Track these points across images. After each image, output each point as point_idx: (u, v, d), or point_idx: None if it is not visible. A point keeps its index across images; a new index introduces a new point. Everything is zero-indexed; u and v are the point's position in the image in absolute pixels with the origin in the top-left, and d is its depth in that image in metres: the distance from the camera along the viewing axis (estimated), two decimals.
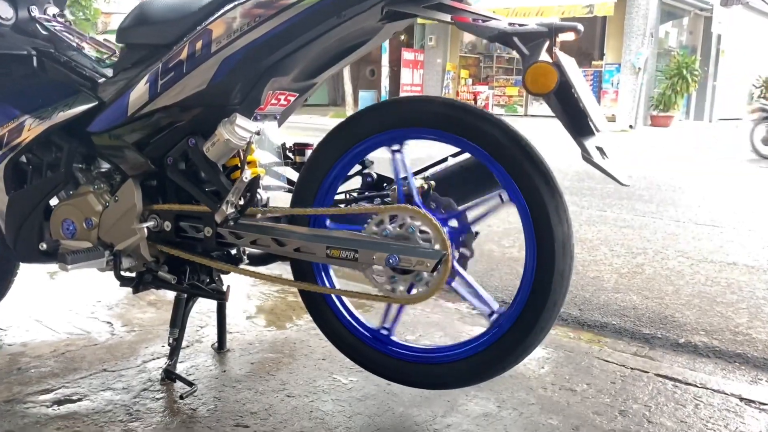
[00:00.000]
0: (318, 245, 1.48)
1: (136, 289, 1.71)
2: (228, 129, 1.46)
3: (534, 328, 1.45)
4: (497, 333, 1.48)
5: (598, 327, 2.49)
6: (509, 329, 1.47)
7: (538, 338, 1.48)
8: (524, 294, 1.46)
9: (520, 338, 1.46)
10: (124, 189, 1.67)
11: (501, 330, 1.48)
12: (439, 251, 1.40)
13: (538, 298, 1.43)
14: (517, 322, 1.46)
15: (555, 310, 1.46)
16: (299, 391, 1.72)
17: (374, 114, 1.53)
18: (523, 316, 1.46)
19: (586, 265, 3.31)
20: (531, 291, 1.45)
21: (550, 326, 1.48)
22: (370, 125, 1.52)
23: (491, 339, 1.49)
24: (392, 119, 1.50)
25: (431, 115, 1.46)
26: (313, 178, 1.58)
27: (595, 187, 5.90)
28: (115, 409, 1.60)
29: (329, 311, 1.64)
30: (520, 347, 1.47)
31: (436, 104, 1.47)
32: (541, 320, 1.44)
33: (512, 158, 1.42)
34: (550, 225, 1.41)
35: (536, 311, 1.44)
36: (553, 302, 1.44)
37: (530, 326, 1.45)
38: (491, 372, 1.52)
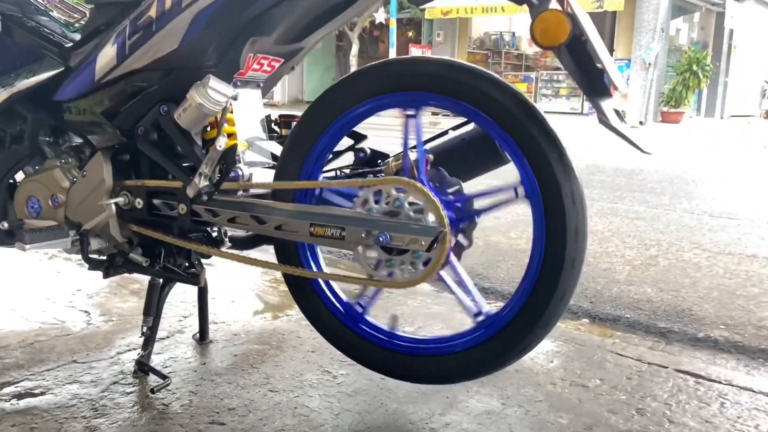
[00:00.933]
0: (301, 222, 1.33)
1: (106, 272, 1.56)
2: (200, 92, 1.31)
3: (538, 321, 1.29)
4: (481, 336, 1.33)
5: (611, 320, 2.33)
6: (504, 327, 1.32)
7: (543, 332, 1.32)
8: (529, 283, 1.30)
9: (521, 333, 1.30)
10: (92, 163, 1.52)
11: (485, 334, 1.33)
12: (436, 228, 1.24)
13: (545, 289, 1.28)
14: (519, 315, 1.31)
15: (563, 303, 1.30)
16: (284, 386, 1.57)
17: (364, 79, 1.38)
18: (527, 309, 1.30)
19: (598, 257, 3.14)
20: (537, 280, 1.29)
21: (556, 320, 1.32)
22: (359, 91, 1.37)
23: (475, 340, 1.34)
24: (384, 83, 1.35)
25: (428, 77, 1.31)
26: (297, 151, 1.43)
27: (606, 179, 5.73)
28: (80, 404, 1.45)
29: (317, 298, 1.49)
30: (521, 343, 1.32)
31: (433, 65, 1.32)
32: (546, 314, 1.29)
33: (522, 128, 1.26)
34: (562, 205, 1.25)
35: (542, 303, 1.28)
36: (561, 294, 1.28)
37: (534, 320, 1.29)
38: (483, 369, 1.37)
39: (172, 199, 1.46)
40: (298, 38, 1.49)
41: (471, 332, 1.38)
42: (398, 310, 2.13)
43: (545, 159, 1.24)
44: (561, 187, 1.23)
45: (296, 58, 1.58)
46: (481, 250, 3.17)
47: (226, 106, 1.35)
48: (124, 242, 1.54)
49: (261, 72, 1.52)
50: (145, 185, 1.48)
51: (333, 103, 1.40)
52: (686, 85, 15.12)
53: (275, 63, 1.53)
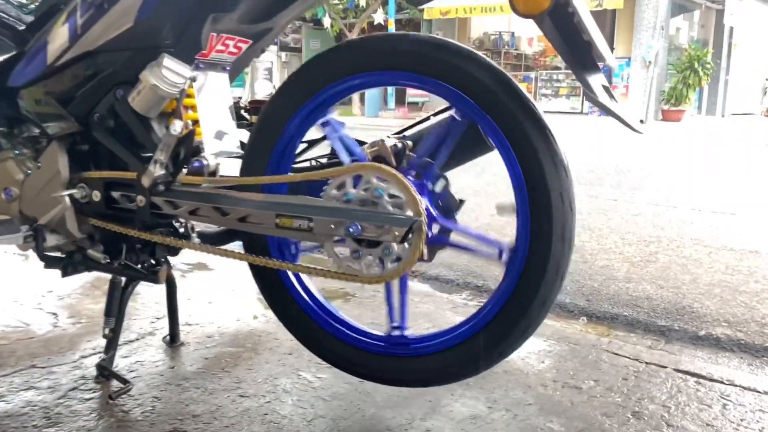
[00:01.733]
0: (266, 213, 1.23)
1: (64, 271, 1.46)
2: (155, 73, 1.21)
3: (530, 307, 1.19)
4: (501, 300, 1.21)
5: (608, 319, 2.22)
6: (498, 314, 1.21)
7: (537, 319, 1.21)
8: (517, 267, 1.20)
9: (509, 323, 1.20)
10: (47, 154, 1.42)
11: (507, 289, 1.21)
12: (410, 217, 1.14)
13: (536, 268, 1.17)
14: (512, 299, 1.20)
15: (557, 282, 1.19)
16: (255, 391, 1.46)
17: (334, 58, 1.27)
18: (517, 294, 1.20)
19: (595, 254, 3.03)
20: (526, 261, 1.19)
21: (551, 304, 1.22)
22: (329, 71, 1.27)
23: (483, 321, 1.22)
24: (356, 62, 1.25)
25: (404, 54, 1.21)
26: (264, 141, 1.33)
27: (605, 177, 5.62)
28: (32, 411, 1.35)
29: (286, 294, 1.39)
30: (514, 331, 1.21)
31: (408, 42, 1.21)
32: (537, 299, 1.18)
33: (506, 111, 1.16)
34: (549, 200, 1.15)
35: (534, 285, 1.17)
36: (555, 269, 1.17)
37: (526, 306, 1.19)
38: (481, 362, 1.26)
39: (130, 191, 1.35)
40: (265, 17, 1.39)
41: (489, 303, 1.25)
42: (383, 311, 2.02)
43: (530, 145, 1.14)
44: (547, 180, 1.13)
45: (265, 40, 1.48)
46: None
47: (183, 88, 1.25)
48: (83, 238, 1.44)
49: (227, 54, 1.42)
50: (102, 176, 1.38)
51: (303, 85, 1.29)
52: (687, 83, 15.00)
53: (242, 44, 1.43)
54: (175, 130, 1.22)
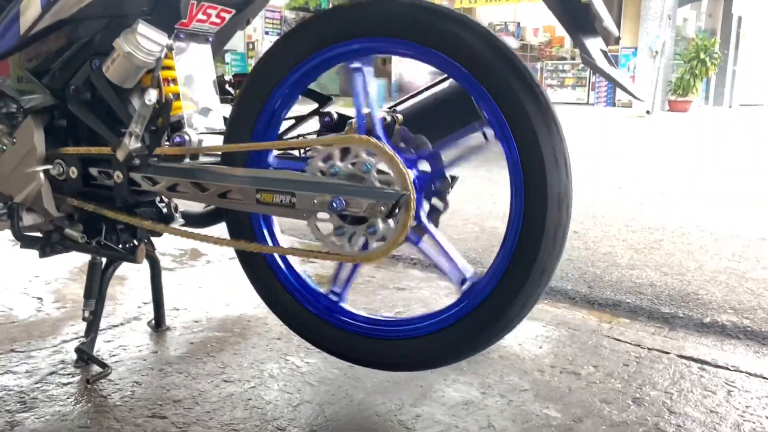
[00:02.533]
0: (246, 188, 1.17)
1: (42, 251, 1.41)
2: (128, 40, 1.15)
3: (514, 301, 1.13)
4: (467, 306, 1.16)
5: (611, 306, 2.16)
6: (482, 302, 1.15)
7: (518, 315, 1.15)
8: (504, 257, 1.14)
9: (496, 313, 1.14)
10: (22, 129, 1.36)
11: (471, 304, 1.16)
12: (397, 192, 1.07)
13: (523, 262, 1.11)
14: (494, 292, 1.14)
15: (543, 279, 1.13)
16: (240, 376, 1.41)
17: (319, 24, 1.21)
18: (502, 285, 1.14)
19: (598, 241, 2.97)
20: (513, 253, 1.12)
21: (535, 301, 1.16)
22: (314, 38, 1.21)
23: (460, 312, 1.17)
24: (342, 29, 1.18)
25: (392, 20, 1.14)
26: (247, 110, 1.27)
27: (610, 165, 5.54)
28: (7, 396, 1.30)
29: (272, 277, 1.33)
30: (496, 324, 1.15)
31: (399, 5, 1.15)
32: (523, 292, 1.12)
33: (498, 77, 1.09)
34: (543, 166, 1.08)
35: (519, 278, 1.11)
36: (541, 269, 1.11)
37: (510, 298, 1.13)
38: (459, 352, 1.21)
39: (108, 167, 1.30)
40: None
41: (455, 305, 1.20)
42: (378, 296, 1.96)
43: (522, 111, 1.08)
44: (540, 144, 1.07)
45: (250, 10, 1.42)
46: (476, 236, 3.00)
47: (160, 57, 1.19)
48: (61, 217, 1.39)
49: (209, 24, 1.36)
50: (78, 152, 1.32)
51: (287, 53, 1.23)
52: (694, 73, 14.85)
53: (225, 14, 1.37)
54: (150, 101, 1.16)
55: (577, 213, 3.52)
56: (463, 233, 3.04)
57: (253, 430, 1.19)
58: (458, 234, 3.00)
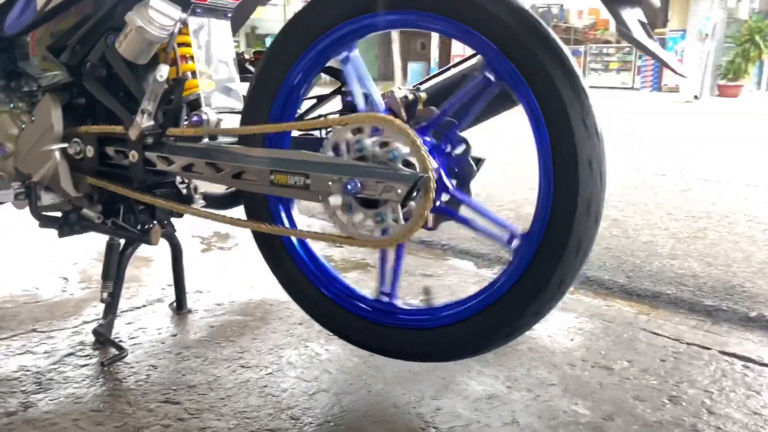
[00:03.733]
0: (260, 169, 1.12)
1: (61, 231, 1.39)
2: (141, 14, 1.11)
3: (547, 284, 1.06)
4: (519, 266, 1.08)
5: (650, 297, 2.06)
6: (517, 281, 1.08)
7: (552, 299, 1.08)
8: (535, 238, 1.07)
9: (528, 296, 1.07)
10: (40, 107, 1.34)
11: (524, 261, 1.08)
12: (415, 174, 1.01)
13: (556, 239, 1.04)
14: (528, 271, 1.08)
15: (578, 258, 1.06)
16: (258, 361, 1.37)
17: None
18: (534, 267, 1.07)
19: (639, 229, 2.85)
20: (545, 232, 1.06)
21: (569, 283, 1.08)
22: (335, 11, 1.15)
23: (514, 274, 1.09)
24: (363, 2, 1.12)
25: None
26: (265, 87, 1.22)
27: (654, 150, 5.36)
28: (25, 377, 1.29)
29: (289, 260, 1.28)
30: (530, 306, 1.09)
31: None
32: (557, 273, 1.05)
33: (530, 56, 1.01)
34: (573, 140, 1.01)
35: (552, 257, 1.04)
36: (576, 244, 1.04)
37: (543, 282, 1.06)
38: (492, 339, 1.14)
39: (123, 146, 1.27)
40: None
41: (498, 279, 1.13)
42: (404, 282, 1.91)
43: (555, 93, 1.00)
44: (570, 115, 0.99)
45: None
46: (511, 221, 2.92)
47: (173, 32, 1.15)
48: (78, 197, 1.37)
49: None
50: (94, 131, 1.30)
51: (310, 24, 1.17)
52: (746, 56, 14.30)
53: None
54: (161, 77, 1.12)
55: (617, 200, 3.39)
56: None
57: (266, 418, 1.16)
58: None
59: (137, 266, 1.96)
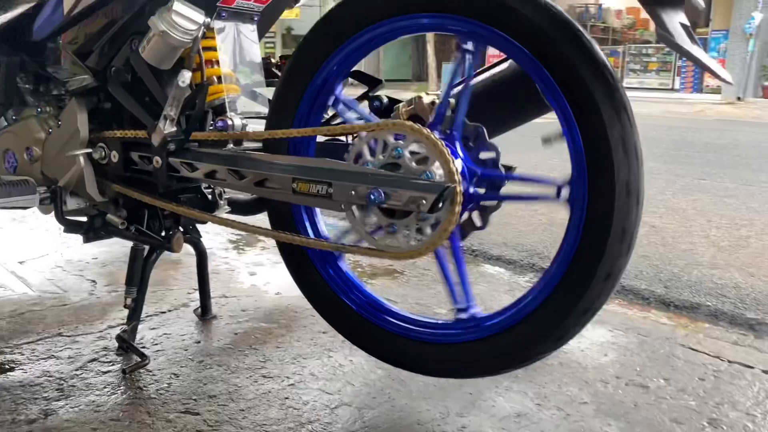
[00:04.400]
0: (282, 177, 1.09)
1: (86, 236, 1.39)
2: (164, 18, 1.09)
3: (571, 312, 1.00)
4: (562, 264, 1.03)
5: (688, 308, 1.98)
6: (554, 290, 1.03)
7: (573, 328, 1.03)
8: (563, 261, 1.02)
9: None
10: (67, 111, 1.34)
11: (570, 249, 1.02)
12: (441, 183, 0.97)
13: (584, 266, 0.99)
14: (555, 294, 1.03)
15: (607, 286, 1.00)
16: (280, 371, 1.35)
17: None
18: (559, 292, 1.02)
19: (678, 237, 2.76)
20: (573, 257, 1.01)
21: (597, 309, 1.03)
22: (364, 13, 1.11)
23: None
24: (386, 4, 1.08)
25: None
26: (290, 92, 1.19)
27: (694, 155, 5.20)
28: (47, 383, 1.28)
29: (312, 268, 1.25)
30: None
31: None
32: (583, 301, 1.00)
33: (563, 60, 0.97)
34: (610, 157, 0.95)
35: (580, 285, 0.99)
36: (605, 273, 0.99)
37: (568, 308, 1.01)
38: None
39: (148, 152, 1.25)
40: None
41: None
42: (431, 290, 1.87)
43: (590, 98, 0.95)
44: (609, 134, 0.94)
45: None
46: (543, 227, 2.86)
47: (197, 36, 1.13)
48: (104, 202, 1.36)
49: (254, 2, 1.29)
50: (118, 136, 1.29)
51: (332, 30, 1.14)
52: None
53: None
54: (184, 82, 1.10)
55: (656, 206, 3.30)
56: (531, 224, 2.90)
57: None
58: (526, 225, 2.86)
59: (165, 269, 1.96)
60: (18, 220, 2.51)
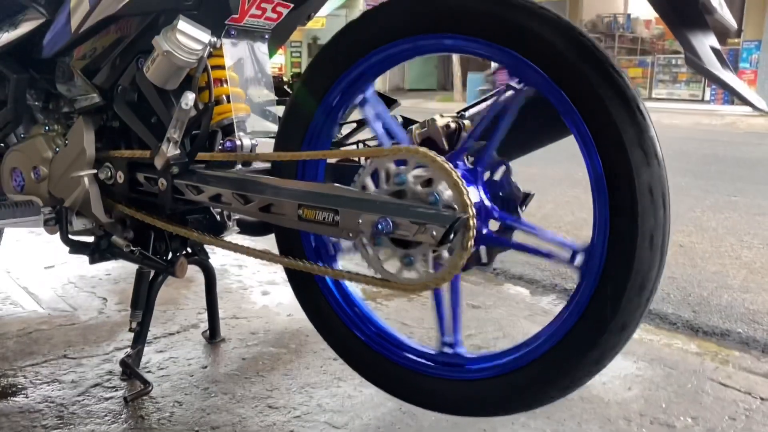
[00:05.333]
0: (288, 203, 1.05)
1: (92, 257, 1.35)
2: (168, 38, 1.06)
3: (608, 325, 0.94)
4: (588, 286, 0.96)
5: (718, 335, 1.90)
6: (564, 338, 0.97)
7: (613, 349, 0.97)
8: (582, 301, 0.96)
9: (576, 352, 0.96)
10: (73, 130, 1.31)
11: (587, 289, 0.96)
12: (452, 214, 0.92)
13: (602, 308, 0.93)
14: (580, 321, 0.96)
15: (623, 336, 0.94)
16: (287, 401, 1.30)
17: (379, 18, 1.06)
18: (587, 316, 0.96)
19: (707, 258, 2.66)
20: (593, 294, 0.94)
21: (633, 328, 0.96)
22: (377, 33, 1.06)
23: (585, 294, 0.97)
24: (398, 24, 1.04)
25: (449, 13, 0.98)
26: (300, 113, 1.15)
27: (725, 170, 5.07)
28: (47, 409, 1.25)
29: (321, 296, 1.21)
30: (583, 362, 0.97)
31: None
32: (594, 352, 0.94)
33: (580, 81, 0.91)
34: (633, 188, 0.89)
35: (611, 305, 0.93)
36: (621, 324, 0.93)
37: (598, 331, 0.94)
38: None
39: (153, 173, 1.22)
40: None
41: (569, 304, 0.99)
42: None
43: (609, 121, 0.89)
44: (630, 156, 0.88)
45: (310, 4, 1.29)
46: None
47: (202, 56, 1.09)
48: (110, 223, 1.33)
49: (264, 20, 1.25)
50: (124, 156, 1.25)
51: (342, 51, 1.10)
52: None
53: (282, 9, 1.25)
54: (187, 104, 1.06)
55: (685, 224, 3.20)
56: None
57: None
58: None
59: (176, 287, 1.92)
60: (36, 232, 2.50)
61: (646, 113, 0.89)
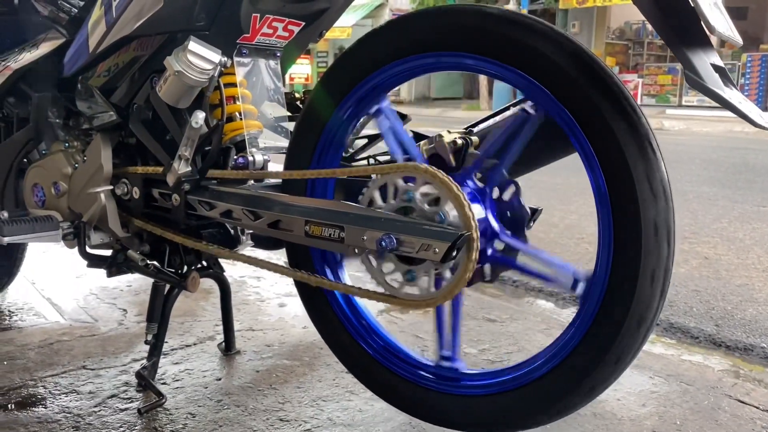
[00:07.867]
0: (295, 219, 1.06)
1: (109, 270, 1.39)
2: (179, 58, 1.08)
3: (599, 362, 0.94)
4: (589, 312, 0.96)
5: (741, 350, 1.86)
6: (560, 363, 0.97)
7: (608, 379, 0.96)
8: (580, 329, 0.95)
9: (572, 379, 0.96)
10: (92, 147, 1.35)
11: (587, 317, 0.96)
12: (455, 232, 0.92)
13: (614, 314, 0.92)
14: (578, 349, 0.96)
15: (618, 368, 0.94)
16: (298, 414, 1.31)
17: (386, 36, 1.08)
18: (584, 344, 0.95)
19: (732, 270, 2.61)
20: (592, 324, 0.94)
21: (628, 360, 0.95)
22: (380, 52, 1.08)
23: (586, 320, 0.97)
24: (401, 43, 1.05)
25: (462, 32, 0.99)
26: (309, 130, 1.16)
27: (755, 179, 4.97)
28: (65, 419, 1.28)
29: (330, 309, 1.22)
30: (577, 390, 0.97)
31: (468, 15, 0.99)
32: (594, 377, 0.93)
33: (583, 99, 0.91)
34: (636, 204, 0.89)
35: (607, 335, 0.92)
36: (617, 357, 0.92)
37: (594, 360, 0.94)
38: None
39: (167, 189, 1.24)
40: None
41: (573, 324, 1.00)
42: (463, 328, 1.80)
43: (612, 139, 0.89)
44: (635, 179, 0.87)
45: (322, 22, 1.31)
46: (590, 257, 2.75)
47: (213, 75, 1.11)
48: (127, 237, 1.36)
49: (275, 38, 1.27)
50: (140, 172, 1.28)
51: (349, 69, 1.11)
52: None
53: (293, 27, 1.27)
54: (197, 123, 1.08)
55: (710, 235, 3.14)
56: (576, 253, 2.80)
57: None
58: (570, 255, 2.77)
59: (195, 299, 1.95)
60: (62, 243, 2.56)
61: (658, 149, 0.89)
